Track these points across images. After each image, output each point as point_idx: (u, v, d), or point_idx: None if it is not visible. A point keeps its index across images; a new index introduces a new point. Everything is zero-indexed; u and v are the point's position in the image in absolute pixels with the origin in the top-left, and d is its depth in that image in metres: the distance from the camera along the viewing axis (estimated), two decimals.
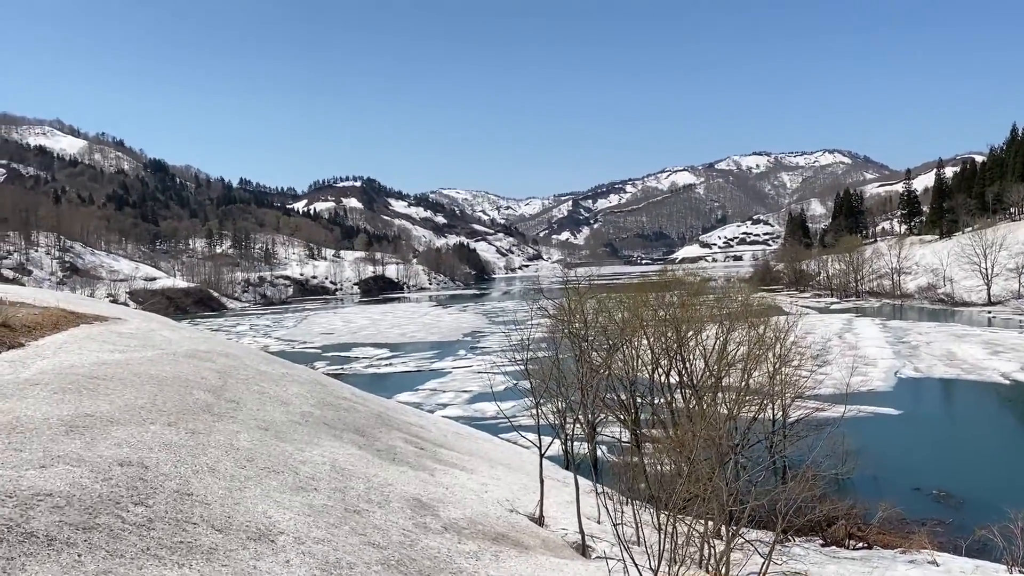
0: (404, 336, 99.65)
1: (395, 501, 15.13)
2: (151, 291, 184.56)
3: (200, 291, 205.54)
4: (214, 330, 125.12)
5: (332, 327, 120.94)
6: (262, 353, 29.46)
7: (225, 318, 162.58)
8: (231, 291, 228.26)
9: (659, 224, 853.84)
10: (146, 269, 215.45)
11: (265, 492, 12.63)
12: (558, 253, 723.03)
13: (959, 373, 52.46)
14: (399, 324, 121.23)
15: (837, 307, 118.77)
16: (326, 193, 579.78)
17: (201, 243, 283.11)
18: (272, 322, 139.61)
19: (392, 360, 73.93)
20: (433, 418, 31.90)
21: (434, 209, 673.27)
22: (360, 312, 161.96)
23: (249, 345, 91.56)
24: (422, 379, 59.36)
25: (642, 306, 28.39)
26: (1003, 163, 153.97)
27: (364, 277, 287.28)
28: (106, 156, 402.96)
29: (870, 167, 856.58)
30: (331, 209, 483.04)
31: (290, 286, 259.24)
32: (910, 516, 23.93)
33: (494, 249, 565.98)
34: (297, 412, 18.99)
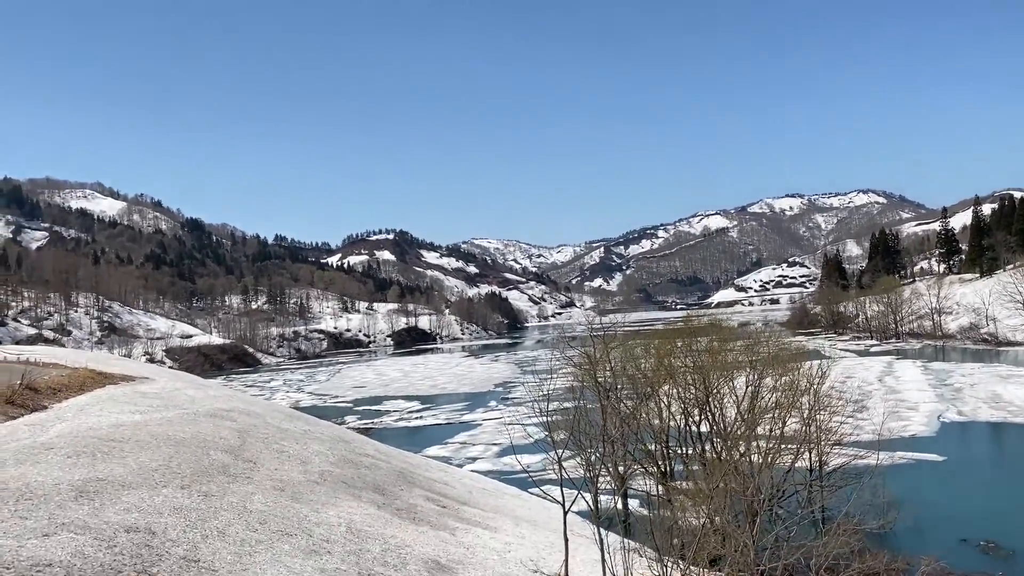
0: (435, 388, 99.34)
1: (412, 564, 14.71)
2: (187, 348, 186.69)
3: (235, 347, 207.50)
4: (248, 386, 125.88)
5: (364, 380, 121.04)
6: (286, 410, 29.35)
7: (260, 373, 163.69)
8: (266, 346, 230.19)
9: (693, 269, 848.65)
10: (182, 327, 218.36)
11: (276, 556, 12.32)
12: (591, 300, 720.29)
13: (1006, 416, 50.71)
14: (431, 376, 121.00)
15: (877, 349, 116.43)
16: (359, 247, 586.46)
17: (237, 299, 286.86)
18: (305, 376, 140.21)
19: (423, 413, 73.56)
20: (459, 473, 31.41)
21: (466, 259, 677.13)
22: (392, 364, 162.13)
23: (280, 401, 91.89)
24: (452, 432, 58.86)
25: (668, 355, 27.86)
26: None
27: (397, 329, 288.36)
28: (144, 216, 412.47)
29: (906, 206, 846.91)
30: (364, 262, 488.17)
31: (324, 340, 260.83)
32: (957, 569, 22.85)
33: (526, 297, 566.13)
34: (316, 471, 18.71)
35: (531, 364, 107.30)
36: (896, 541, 26.36)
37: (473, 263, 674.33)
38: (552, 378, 22.32)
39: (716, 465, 20.20)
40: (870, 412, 54.75)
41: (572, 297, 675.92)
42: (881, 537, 26.35)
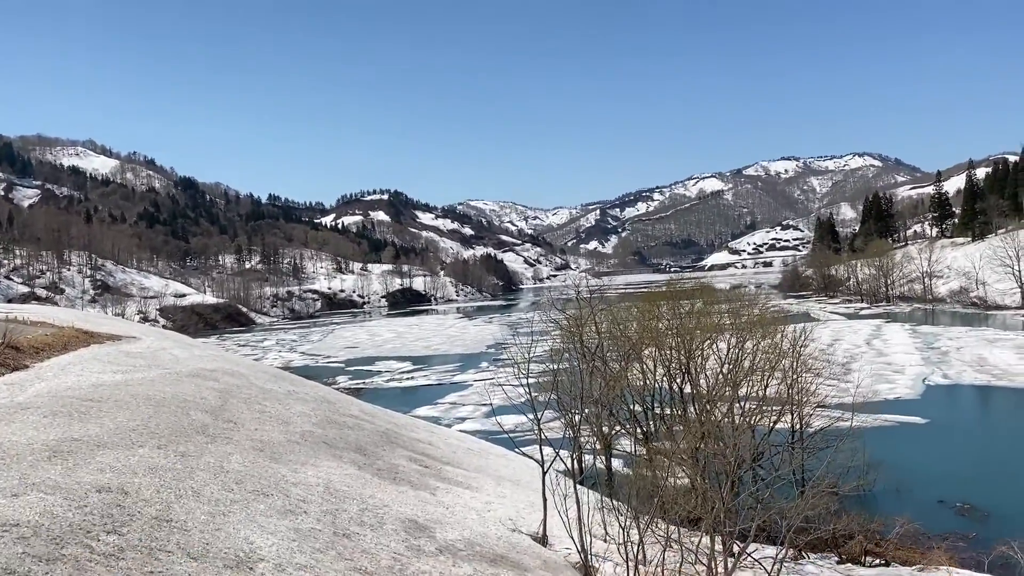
0: (428, 349, 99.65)
1: (390, 523, 14.86)
2: (180, 308, 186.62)
3: (229, 307, 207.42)
4: (241, 345, 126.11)
5: (357, 341, 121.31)
6: (272, 370, 29.42)
7: (253, 333, 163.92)
8: (260, 306, 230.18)
9: (687, 231, 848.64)
10: (176, 286, 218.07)
11: (250, 516, 12.43)
12: (586, 262, 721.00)
13: (990, 380, 51.13)
14: (424, 337, 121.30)
15: (866, 312, 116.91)
16: (354, 207, 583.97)
17: (230, 259, 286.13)
18: (298, 336, 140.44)
19: (414, 374, 73.90)
20: (446, 433, 31.63)
21: (461, 221, 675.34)
22: (386, 325, 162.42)
23: (272, 361, 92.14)
24: (442, 392, 59.19)
25: (652, 317, 27.94)
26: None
27: (391, 290, 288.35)
28: (137, 175, 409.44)
29: (901, 170, 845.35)
30: (359, 223, 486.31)
31: (318, 300, 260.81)
32: (932, 530, 23.20)
33: (521, 260, 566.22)
34: (297, 432, 18.81)
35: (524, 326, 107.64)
36: (875, 502, 26.75)
37: (468, 225, 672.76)
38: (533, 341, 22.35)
39: (695, 426, 20.40)
40: (856, 375, 55.22)
41: (567, 259, 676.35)
42: (860, 498, 26.74)
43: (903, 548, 20.33)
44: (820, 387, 33.23)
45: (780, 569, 16.31)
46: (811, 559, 19.61)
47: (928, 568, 18.62)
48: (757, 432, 28.96)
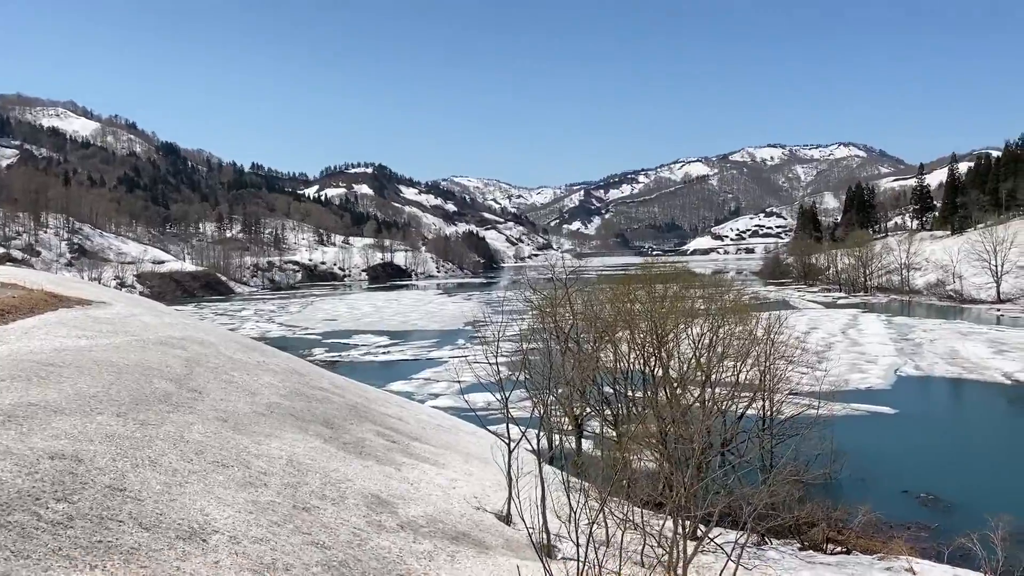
0: (406, 324, 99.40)
1: (352, 497, 14.79)
2: (159, 274, 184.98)
3: (208, 275, 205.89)
4: (219, 314, 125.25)
5: (336, 313, 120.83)
6: (244, 340, 29.18)
7: (232, 302, 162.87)
8: (239, 275, 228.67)
9: (671, 215, 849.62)
10: (154, 252, 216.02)
11: (208, 488, 12.30)
12: (568, 243, 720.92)
13: (961, 372, 51.68)
14: (403, 312, 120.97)
15: (844, 302, 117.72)
16: (337, 179, 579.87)
17: (211, 227, 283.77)
18: (277, 307, 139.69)
19: (391, 348, 73.69)
20: (417, 409, 31.56)
21: (444, 197, 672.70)
22: (365, 299, 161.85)
23: (249, 331, 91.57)
24: (418, 368, 59.07)
25: (625, 300, 27.93)
26: (1018, 159, 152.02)
27: (372, 264, 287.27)
28: (118, 138, 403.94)
29: (885, 161, 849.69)
30: (342, 195, 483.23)
31: (298, 271, 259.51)
32: (895, 520, 23.43)
33: (504, 238, 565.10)
34: (264, 403, 18.66)
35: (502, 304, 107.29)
36: (840, 490, 26.98)
37: (452, 201, 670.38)
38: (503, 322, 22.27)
39: (664, 411, 20.43)
40: (830, 364, 55.65)
41: (550, 239, 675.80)
42: (826, 486, 26.97)
43: (865, 536, 20.53)
44: (792, 375, 33.45)
45: (741, 554, 16.40)
46: (774, 545, 19.77)
47: (888, 557, 18.81)
48: (727, 418, 29.10)
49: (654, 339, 24.27)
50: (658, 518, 20.61)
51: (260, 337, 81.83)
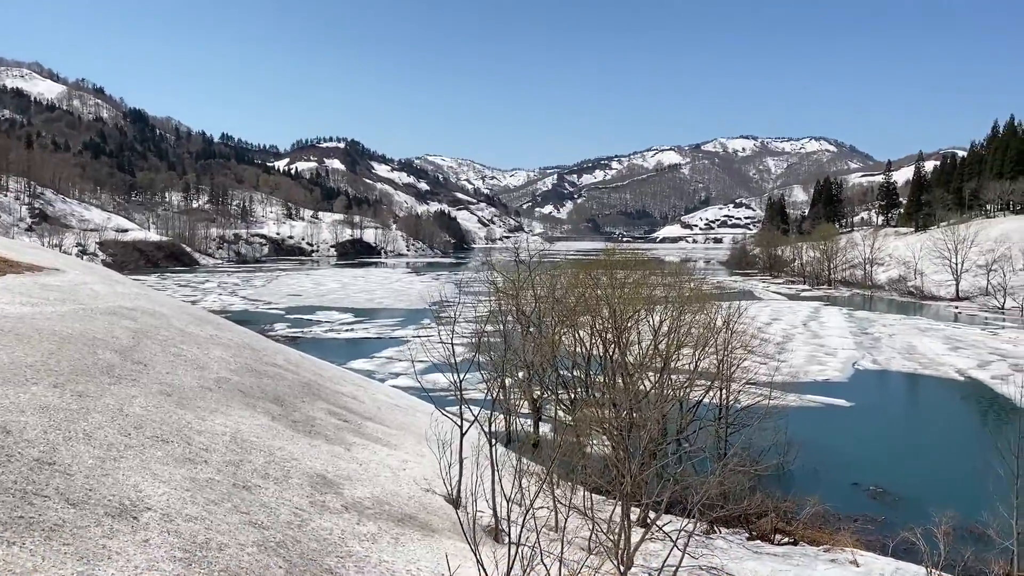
0: (372, 302, 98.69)
1: (296, 477, 14.53)
2: (122, 243, 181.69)
3: (173, 245, 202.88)
4: (181, 285, 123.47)
5: (301, 288, 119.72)
6: (199, 312, 28.61)
7: (196, 274, 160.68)
8: (205, 247, 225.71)
9: (642, 202, 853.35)
10: (118, 220, 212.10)
11: (144, 463, 11.97)
12: (540, 226, 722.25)
13: (916, 367, 52.49)
14: (369, 289, 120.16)
15: (807, 294, 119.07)
16: (309, 153, 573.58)
17: (177, 197, 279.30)
18: (242, 280, 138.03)
19: (354, 326, 73.09)
20: (376, 388, 31.27)
21: (417, 175, 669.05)
22: (332, 275, 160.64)
23: (212, 303, 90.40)
24: (381, 346, 58.65)
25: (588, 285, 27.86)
26: (982, 160, 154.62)
27: (341, 240, 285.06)
28: (85, 103, 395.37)
29: (855, 156, 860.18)
30: (313, 169, 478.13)
31: (265, 245, 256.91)
32: (844, 512, 23.70)
33: (476, 219, 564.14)
34: (212, 378, 18.29)
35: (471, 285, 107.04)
36: (792, 481, 27.23)
37: (425, 180, 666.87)
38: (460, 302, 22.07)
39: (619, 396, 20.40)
40: (790, 355, 56.25)
41: (521, 222, 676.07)
42: (778, 477, 27.22)
43: (813, 528, 20.72)
44: (750, 365, 33.69)
45: (688, 542, 16.44)
46: (723, 534, 19.87)
47: (834, 549, 19.00)
48: (684, 406, 29.23)
49: (612, 325, 24.23)
50: (609, 504, 20.66)
51: (222, 310, 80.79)
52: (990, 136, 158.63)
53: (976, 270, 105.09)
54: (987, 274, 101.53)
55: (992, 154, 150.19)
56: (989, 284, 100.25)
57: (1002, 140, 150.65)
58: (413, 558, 13.52)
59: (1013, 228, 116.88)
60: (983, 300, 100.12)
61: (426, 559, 13.41)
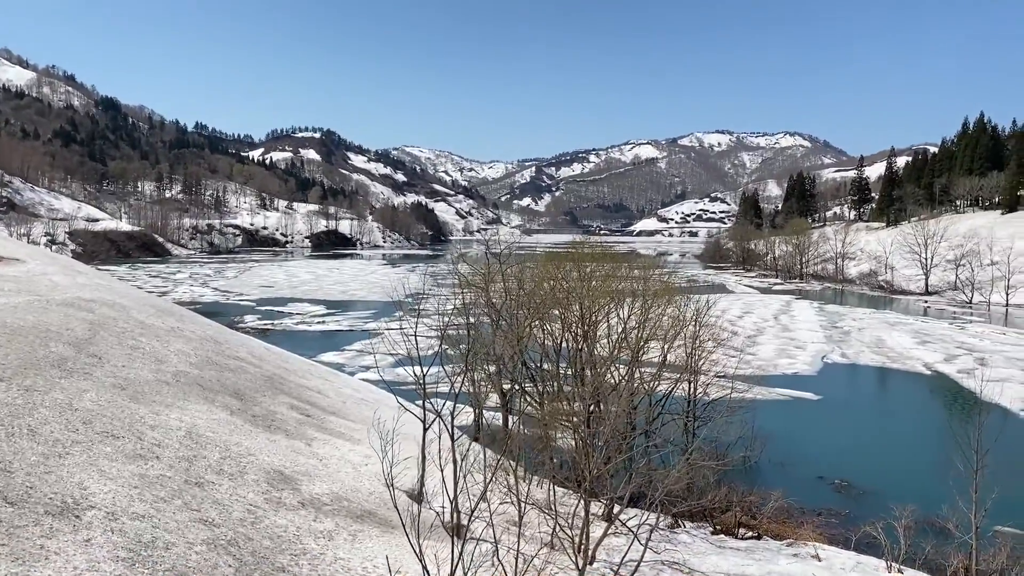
0: (345, 294, 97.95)
1: (252, 473, 14.29)
2: (92, 232, 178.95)
3: (144, 235, 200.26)
4: (152, 276, 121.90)
5: (274, 280, 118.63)
6: (162, 304, 28.13)
7: (168, 264, 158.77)
8: (177, 237, 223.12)
9: (620, 196, 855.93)
10: (89, 210, 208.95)
11: (92, 460, 11.69)
12: (518, 219, 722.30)
13: (884, 361, 52.97)
14: (343, 281, 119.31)
15: (779, 288, 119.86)
16: (284, 143, 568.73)
17: (150, 186, 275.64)
18: (214, 272, 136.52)
19: (326, 318, 72.46)
20: (343, 381, 31.00)
21: (395, 166, 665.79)
22: (306, 266, 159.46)
23: (182, 295, 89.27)
24: (352, 339, 58.15)
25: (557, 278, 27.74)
26: (953, 156, 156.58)
27: (316, 231, 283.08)
28: (55, 90, 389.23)
29: (829, 152, 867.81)
30: (288, 159, 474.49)
31: (239, 236, 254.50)
32: (809, 505, 23.80)
33: (453, 211, 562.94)
34: (170, 371, 17.98)
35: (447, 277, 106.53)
36: (758, 474, 27.34)
37: (402, 171, 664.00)
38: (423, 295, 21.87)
39: (586, 390, 20.31)
40: (760, 348, 56.60)
41: (499, 214, 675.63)
42: (746, 470, 27.32)
43: (777, 522, 20.77)
44: (720, 358, 33.78)
45: (650, 537, 16.40)
46: (687, 528, 19.87)
47: (797, 543, 19.06)
48: (653, 399, 29.23)
49: (580, 318, 24.15)
50: (575, 498, 20.58)
51: (192, 302, 79.79)
52: (961, 133, 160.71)
53: (945, 265, 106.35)
54: (956, 269, 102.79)
55: (962, 151, 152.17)
56: (958, 279, 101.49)
57: (972, 137, 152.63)
58: (370, 555, 13.36)
59: (981, 223, 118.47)
60: (952, 295, 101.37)
61: (384, 556, 13.25)
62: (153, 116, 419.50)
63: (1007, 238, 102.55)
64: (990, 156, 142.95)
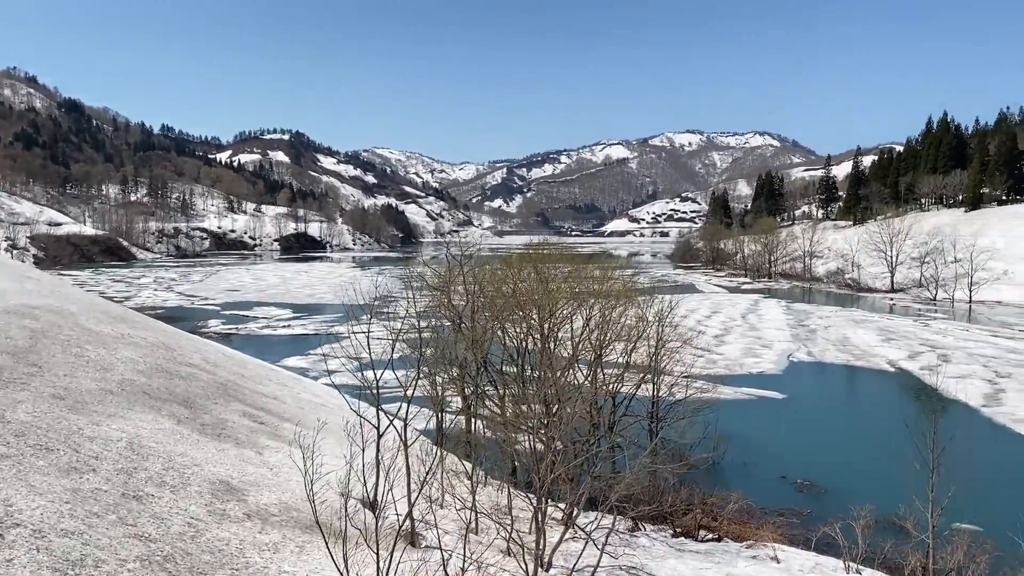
0: (312, 297, 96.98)
1: (196, 484, 13.87)
2: (55, 237, 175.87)
3: (109, 239, 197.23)
4: (116, 281, 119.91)
5: (240, 284, 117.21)
6: (114, 310, 27.44)
7: (132, 269, 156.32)
8: (143, 241, 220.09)
9: (591, 196, 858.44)
10: (51, 213, 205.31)
11: (21, 474, 11.24)
12: (490, 220, 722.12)
13: (849, 359, 53.40)
14: (311, 284, 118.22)
15: (748, 287, 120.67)
16: (252, 145, 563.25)
17: (115, 189, 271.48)
18: (179, 276, 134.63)
19: (292, 322, 71.58)
20: (303, 387, 30.55)
21: (365, 168, 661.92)
22: (274, 270, 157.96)
23: (146, 299, 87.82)
24: (317, 343, 57.37)
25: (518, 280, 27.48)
26: (918, 155, 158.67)
27: (285, 234, 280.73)
28: (16, 91, 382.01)
29: (798, 151, 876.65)
30: (256, 162, 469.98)
31: (207, 239, 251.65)
32: (771, 505, 23.78)
33: (424, 212, 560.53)
34: (115, 380, 17.47)
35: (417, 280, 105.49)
36: (723, 475, 27.31)
37: (372, 172, 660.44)
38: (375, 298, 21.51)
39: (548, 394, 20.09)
40: (727, 347, 56.83)
41: (471, 216, 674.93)
42: (709, 470, 27.26)
43: (739, 523, 20.71)
44: (685, 358, 33.75)
45: (607, 540, 16.20)
46: (647, 531, 19.71)
47: (756, 544, 18.97)
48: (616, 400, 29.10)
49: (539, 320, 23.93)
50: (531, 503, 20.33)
51: (154, 307, 78.56)
52: (925, 132, 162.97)
53: (910, 262, 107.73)
54: (920, 266, 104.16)
55: (927, 149, 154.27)
56: (922, 276, 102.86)
57: (935, 136, 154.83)
58: (317, 567, 13.02)
59: (945, 221, 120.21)
60: (917, 292, 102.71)
61: (331, 568, 12.89)
62: (118, 118, 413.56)
63: (970, 235, 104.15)
64: (954, 155, 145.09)
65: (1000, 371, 47.73)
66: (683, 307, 78.90)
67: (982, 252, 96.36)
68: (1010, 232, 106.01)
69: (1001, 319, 77.02)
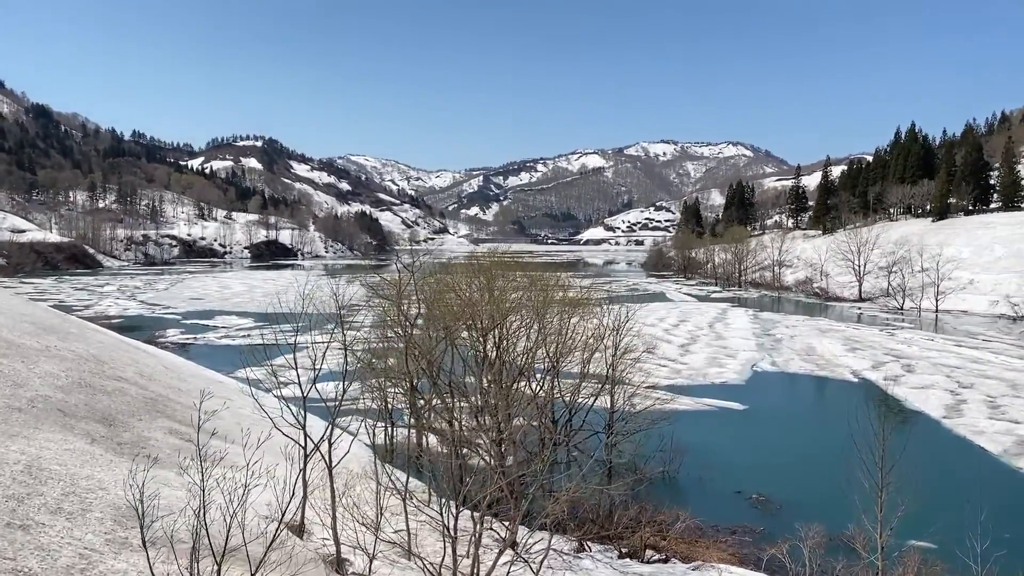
0: (277, 306, 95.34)
1: (98, 510, 13.00)
2: (18, 244, 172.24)
3: (74, 246, 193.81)
4: (78, 289, 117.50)
5: (205, 292, 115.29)
6: (46, 321, 26.34)
7: (97, 277, 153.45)
8: (111, 249, 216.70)
9: (567, 205, 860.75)
10: (14, 220, 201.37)
11: None
12: (466, 228, 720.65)
13: (813, 369, 53.20)
14: (277, 292, 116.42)
15: (717, 296, 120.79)
16: (225, 151, 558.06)
17: (83, 196, 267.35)
18: (144, 284, 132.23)
19: (252, 331, 70.07)
20: (247, 401, 29.49)
21: (339, 175, 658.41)
22: (242, 277, 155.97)
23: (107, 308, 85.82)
24: (275, 353, 56.11)
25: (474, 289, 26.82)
26: (886, 165, 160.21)
27: (256, 241, 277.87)
28: None
29: (770, 161, 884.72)
30: (228, 168, 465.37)
31: (176, 247, 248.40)
32: (724, 523, 23.19)
33: (399, 220, 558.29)
34: (27, 396, 16.55)
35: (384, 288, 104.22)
36: (677, 489, 26.72)
37: (346, 180, 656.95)
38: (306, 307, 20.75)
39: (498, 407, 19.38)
40: (692, 357, 56.43)
41: (446, 223, 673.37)
42: (663, 485, 26.67)
43: (687, 542, 20.08)
44: (647, 368, 33.20)
45: (543, 562, 15.52)
46: (593, 552, 19.03)
47: (704, 565, 18.35)
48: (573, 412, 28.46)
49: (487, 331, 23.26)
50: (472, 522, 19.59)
51: (113, 316, 76.80)
52: (893, 142, 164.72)
53: (878, 272, 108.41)
54: (888, 276, 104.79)
55: (895, 159, 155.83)
56: (890, 285, 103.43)
57: (904, 146, 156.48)
58: None
59: (913, 231, 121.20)
60: (884, 301, 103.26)
61: None
62: (88, 124, 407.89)
63: (936, 245, 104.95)
64: (921, 165, 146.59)
65: (963, 381, 47.67)
66: (651, 316, 79.04)
67: (948, 261, 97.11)
68: (976, 242, 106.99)
69: (966, 328, 77.43)
